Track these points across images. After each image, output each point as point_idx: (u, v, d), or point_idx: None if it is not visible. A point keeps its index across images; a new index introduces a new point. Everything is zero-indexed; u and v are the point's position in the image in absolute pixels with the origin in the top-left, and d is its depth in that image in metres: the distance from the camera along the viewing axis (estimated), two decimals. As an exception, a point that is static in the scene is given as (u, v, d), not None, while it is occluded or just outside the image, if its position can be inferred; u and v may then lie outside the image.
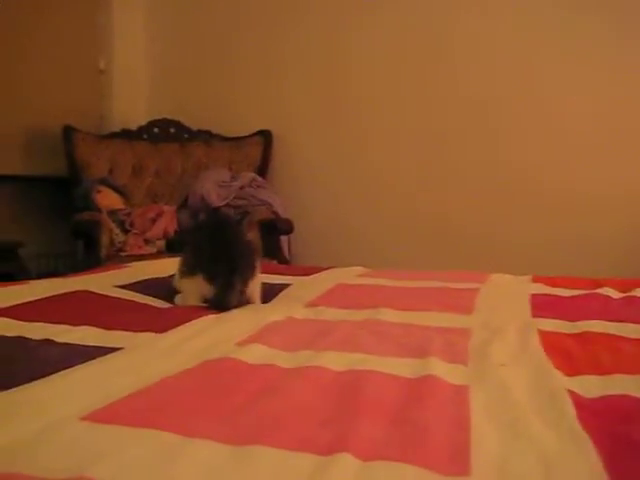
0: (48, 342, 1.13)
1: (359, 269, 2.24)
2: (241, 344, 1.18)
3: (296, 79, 3.95)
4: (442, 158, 3.76)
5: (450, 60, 3.72)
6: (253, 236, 3.41)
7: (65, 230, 3.28)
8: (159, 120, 3.95)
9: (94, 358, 1.03)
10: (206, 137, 3.92)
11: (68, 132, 3.64)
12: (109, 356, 1.05)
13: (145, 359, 1.05)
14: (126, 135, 3.86)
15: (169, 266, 2.16)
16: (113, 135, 3.85)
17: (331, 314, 1.50)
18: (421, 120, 3.78)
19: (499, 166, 3.68)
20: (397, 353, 1.13)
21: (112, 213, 3.40)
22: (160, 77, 4.18)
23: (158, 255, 3.27)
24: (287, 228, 3.40)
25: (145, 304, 1.58)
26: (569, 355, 1.16)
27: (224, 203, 3.55)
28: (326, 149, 3.91)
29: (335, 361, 1.06)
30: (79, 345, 1.12)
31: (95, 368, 0.98)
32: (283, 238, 3.46)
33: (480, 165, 3.70)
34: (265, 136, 3.86)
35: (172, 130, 3.93)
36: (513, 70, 3.62)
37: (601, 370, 1.06)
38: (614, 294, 1.77)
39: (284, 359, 1.08)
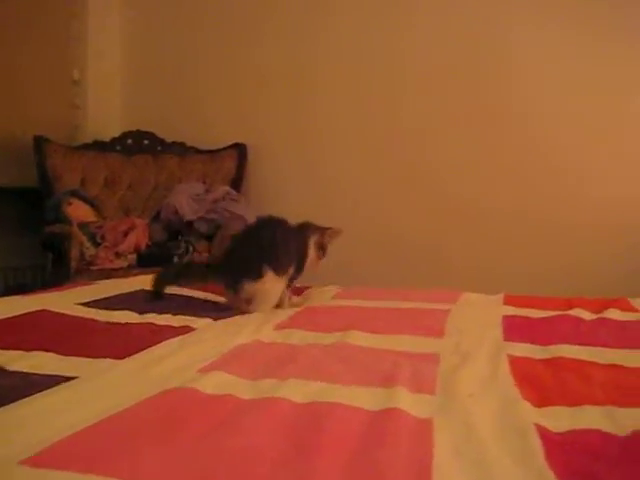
0: (-3, 371, 1.08)
1: (333, 289, 2.20)
2: (203, 371, 1.14)
3: (271, 92, 3.93)
4: (419, 172, 3.75)
5: (420, 77, 3.72)
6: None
7: (35, 242, 3.22)
8: (133, 132, 3.90)
9: (46, 389, 0.98)
10: (180, 149, 3.88)
11: (39, 142, 3.58)
12: (62, 387, 1.01)
13: (99, 390, 1.01)
14: (99, 146, 3.80)
15: (136, 283, 2.12)
16: (86, 146, 3.79)
17: (300, 337, 1.47)
18: (396, 134, 3.77)
19: (472, 186, 3.68)
20: (363, 381, 1.10)
21: (83, 226, 3.33)
22: (134, 88, 4.13)
23: (129, 269, 3.22)
24: (261, 243, 3.35)
25: (107, 323, 1.53)
26: (539, 383, 1.14)
27: (197, 217, 3.51)
28: (301, 163, 3.88)
29: (297, 391, 1.03)
30: (31, 374, 1.07)
31: (44, 402, 0.93)
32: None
33: (454, 183, 3.70)
34: (239, 149, 3.82)
35: (146, 142, 3.88)
36: (481, 79, 3.64)
37: (570, 400, 1.04)
38: (586, 315, 1.75)
39: (244, 389, 1.05)
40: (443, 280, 3.45)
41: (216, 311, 1.72)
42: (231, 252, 1.84)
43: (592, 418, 0.96)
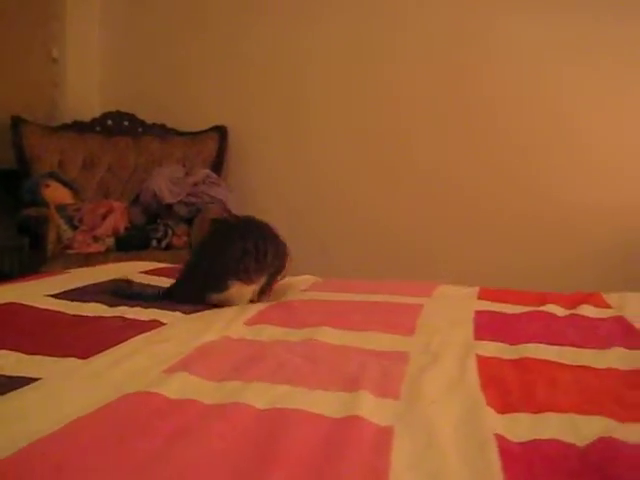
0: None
1: (311, 279, 2.19)
2: (168, 371, 1.13)
3: (253, 74, 3.88)
4: (404, 161, 3.73)
5: (410, 68, 3.68)
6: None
7: (12, 225, 3.19)
8: (113, 112, 3.85)
9: (8, 392, 0.97)
10: (160, 131, 3.83)
11: (17, 123, 3.52)
12: (23, 390, 0.99)
13: (61, 394, 1.00)
14: (78, 127, 3.75)
15: (111, 272, 2.11)
16: (64, 127, 3.73)
17: (269, 333, 1.46)
18: (383, 122, 3.74)
19: (456, 176, 3.67)
20: (327, 384, 1.10)
21: (61, 208, 3.30)
22: (115, 68, 4.07)
23: (107, 253, 3.20)
24: (240, 228, 3.34)
25: (76, 316, 1.51)
26: (504, 387, 1.14)
27: (177, 200, 3.48)
28: (282, 146, 3.85)
29: (260, 396, 1.02)
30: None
31: (3, 407, 0.92)
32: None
33: (438, 174, 3.69)
34: (220, 132, 3.79)
35: (126, 123, 3.83)
36: (463, 78, 3.61)
37: (534, 407, 1.04)
38: (558, 311, 1.76)
39: (208, 392, 1.04)
40: (426, 272, 3.47)
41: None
42: (193, 267, 1.80)
43: (553, 427, 0.96)
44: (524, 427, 0.96)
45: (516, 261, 3.58)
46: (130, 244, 3.25)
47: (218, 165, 3.72)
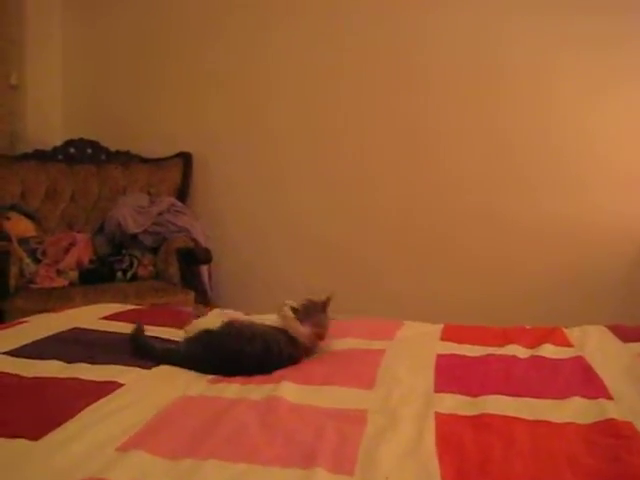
0: None
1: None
2: (122, 449, 1.11)
3: (217, 100, 3.86)
4: (369, 188, 3.73)
5: (372, 90, 3.68)
6: (170, 265, 3.33)
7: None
8: (75, 140, 3.80)
9: None
10: (124, 158, 3.80)
11: (-24, 154, 3.47)
12: None
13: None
14: (39, 156, 3.70)
15: (71, 318, 2.07)
16: (26, 156, 3.68)
17: (231, 391, 1.45)
18: (348, 146, 3.74)
19: (422, 206, 3.69)
20: (283, 460, 1.09)
21: (23, 241, 3.26)
22: (77, 94, 4.02)
23: (71, 287, 3.16)
24: (205, 258, 3.32)
25: (32, 379, 1.48)
26: (461, 454, 1.14)
27: (142, 230, 3.45)
28: (248, 173, 3.83)
29: (215, 478, 1.01)
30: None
31: None
32: (203, 267, 3.38)
33: (402, 199, 3.70)
34: (185, 158, 3.76)
35: (89, 151, 3.79)
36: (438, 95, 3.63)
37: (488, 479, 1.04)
38: (520, 353, 1.77)
39: (160, 476, 1.02)
40: (395, 303, 3.48)
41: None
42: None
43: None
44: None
45: (481, 291, 3.60)
46: (95, 277, 3.22)
47: (183, 192, 3.70)
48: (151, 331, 1.84)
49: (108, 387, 1.43)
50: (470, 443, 1.19)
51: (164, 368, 1.61)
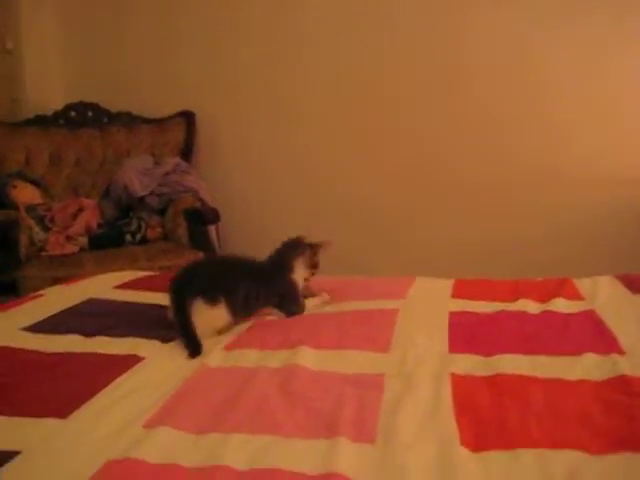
0: None
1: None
2: (148, 425, 1.14)
3: (220, 56, 3.79)
4: (374, 140, 3.69)
5: (391, 38, 3.60)
6: (178, 226, 3.34)
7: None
8: (76, 104, 3.77)
9: None
10: (126, 120, 3.77)
11: (-24, 123, 3.45)
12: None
13: (43, 473, 1.00)
14: (41, 122, 3.67)
15: (85, 289, 2.10)
16: (27, 122, 3.66)
17: (249, 359, 1.47)
18: (355, 100, 3.68)
19: (435, 156, 3.65)
20: (305, 430, 1.12)
21: (31, 209, 3.26)
22: (75, 56, 3.96)
23: (81, 254, 3.18)
24: (213, 218, 3.33)
25: (51, 355, 1.51)
26: (478, 416, 1.17)
27: (148, 192, 3.45)
28: (252, 131, 3.79)
29: (240, 452, 1.04)
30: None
31: None
32: (211, 227, 3.39)
33: (415, 153, 3.67)
34: (188, 117, 3.73)
35: (90, 114, 3.76)
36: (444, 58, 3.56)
37: (506, 441, 1.07)
38: (531, 308, 1.79)
39: (188, 451, 1.05)
40: (408, 250, 3.49)
41: (169, 326, 1.70)
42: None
43: (525, 469, 0.99)
44: (497, 471, 0.99)
45: (499, 233, 3.60)
46: (104, 242, 3.23)
47: (187, 153, 3.69)
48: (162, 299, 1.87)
49: (128, 361, 1.46)
50: (486, 406, 1.22)
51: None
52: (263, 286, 1.77)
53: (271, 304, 1.81)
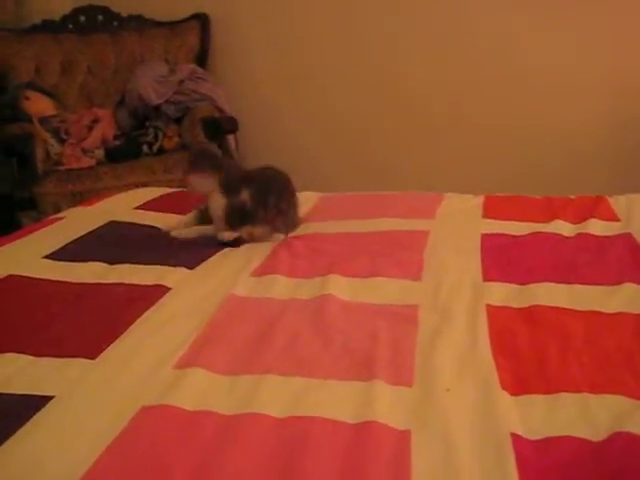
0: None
1: (311, 197, 2.13)
2: (179, 366, 1.12)
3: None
4: (394, 67, 3.53)
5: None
6: (196, 136, 3.26)
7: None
8: (85, 7, 3.59)
9: (18, 426, 0.94)
10: (137, 23, 3.60)
11: (-18, 31, 3.32)
12: (36, 420, 0.96)
13: (74, 422, 0.98)
14: (49, 27, 3.51)
15: (106, 210, 2.05)
16: (35, 28, 3.51)
17: (278, 288, 1.44)
18: (371, 25, 3.49)
19: (452, 79, 3.50)
20: (341, 371, 1.09)
21: (44, 121, 3.18)
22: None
23: (98, 167, 3.12)
24: (231, 127, 3.22)
25: (76, 285, 1.48)
26: (516, 355, 1.14)
27: (164, 100, 3.34)
28: (268, 34, 3.60)
29: (275, 397, 1.02)
30: (3, 394, 1.04)
31: (13, 454, 0.90)
32: (229, 137, 3.30)
33: (423, 81, 3.52)
34: (202, 20, 3.56)
35: (100, 17, 3.59)
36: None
37: (547, 384, 1.05)
38: (566, 230, 1.73)
39: (222, 395, 1.04)
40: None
41: (193, 250, 1.67)
42: None
43: (567, 416, 0.97)
44: (538, 416, 0.97)
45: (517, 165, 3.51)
46: (121, 154, 3.17)
47: (202, 58, 3.54)
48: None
49: (155, 292, 1.43)
50: (524, 342, 1.19)
51: (208, 266, 1.60)
52: None
53: None
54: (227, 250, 1.69)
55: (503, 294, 1.38)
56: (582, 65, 3.34)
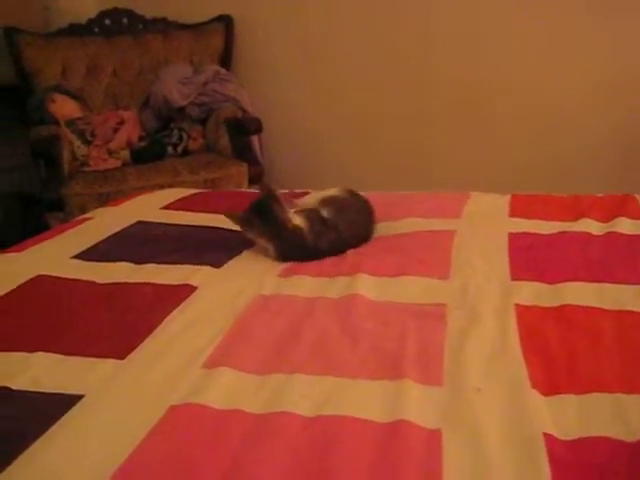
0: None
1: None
2: (208, 366, 1.12)
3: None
4: (419, 56, 3.51)
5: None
6: (220, 137, 3.28)
7: (21, 142, 3.12)
8: (110, 10, 3.62)
9: (48, 425, 0.95)
10: (162, 26, 3.62)
11: (11, 34, 3.35)
12: (66, 419, 0.97)
13: (109, 417, 0.99)
14: (75, 31, 3.55)
15: (132, 210, 2.07)
16: (61, 32, 3.54)
17: (305, 287, 1.44)
18: (397, 16, 3.48)
19: (474, 73, 3.47)
20: (370, 371, 1.09)
21: (70, 123, 3.21)
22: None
23: (124, 168, 3.15)
24: (255, 127, 3.23)
25: (105, 286, 1.49)
26: (547, 354, 1.13)
27: (188, 101, 3.37)
28: (294, 35, 3.59)
29: (304, 396, 1.02)
30: (33, 394, 1.05)
31: (45, 455, 0.90)
32: (254, 137, 3.31)
33: (456, 71, 3.49)
34: (226, 22, 3.58)
35: (125, 20, 3.62)
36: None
37: (579, 384, 1.03)
38: (594, 228, 1.71)
39: (251, 395, 1.04)
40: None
41: (219, 249, 1.67)
42: None
43: (601, 416, 0.95)
44: (571, 417, 0.96)
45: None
46: (146, 155, 3.19)
47: (226, 60, 3.55)
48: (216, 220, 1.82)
49: (182, 292, 1.43)
50: (555, 342, 1.17)
51: (234, 265, 1.60)
52: None
53: None
54: (252, 249, 1.68)
55: (532, 293, 1.36)
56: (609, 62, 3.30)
